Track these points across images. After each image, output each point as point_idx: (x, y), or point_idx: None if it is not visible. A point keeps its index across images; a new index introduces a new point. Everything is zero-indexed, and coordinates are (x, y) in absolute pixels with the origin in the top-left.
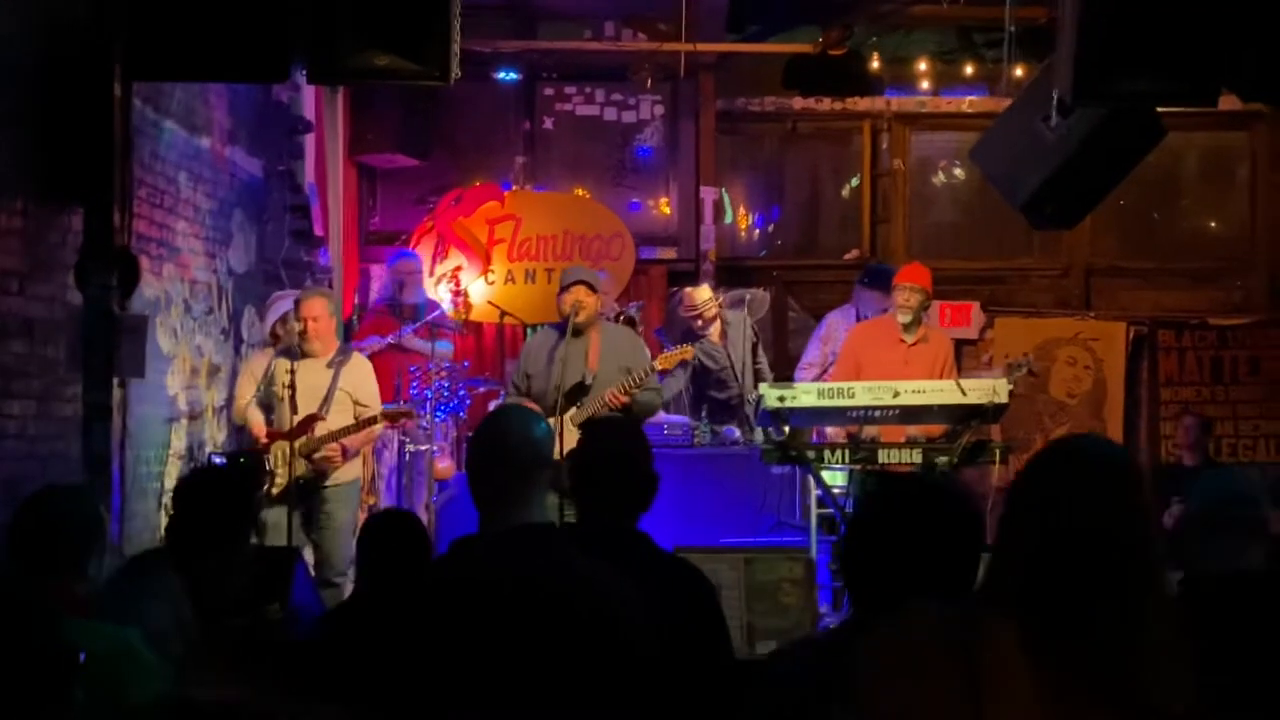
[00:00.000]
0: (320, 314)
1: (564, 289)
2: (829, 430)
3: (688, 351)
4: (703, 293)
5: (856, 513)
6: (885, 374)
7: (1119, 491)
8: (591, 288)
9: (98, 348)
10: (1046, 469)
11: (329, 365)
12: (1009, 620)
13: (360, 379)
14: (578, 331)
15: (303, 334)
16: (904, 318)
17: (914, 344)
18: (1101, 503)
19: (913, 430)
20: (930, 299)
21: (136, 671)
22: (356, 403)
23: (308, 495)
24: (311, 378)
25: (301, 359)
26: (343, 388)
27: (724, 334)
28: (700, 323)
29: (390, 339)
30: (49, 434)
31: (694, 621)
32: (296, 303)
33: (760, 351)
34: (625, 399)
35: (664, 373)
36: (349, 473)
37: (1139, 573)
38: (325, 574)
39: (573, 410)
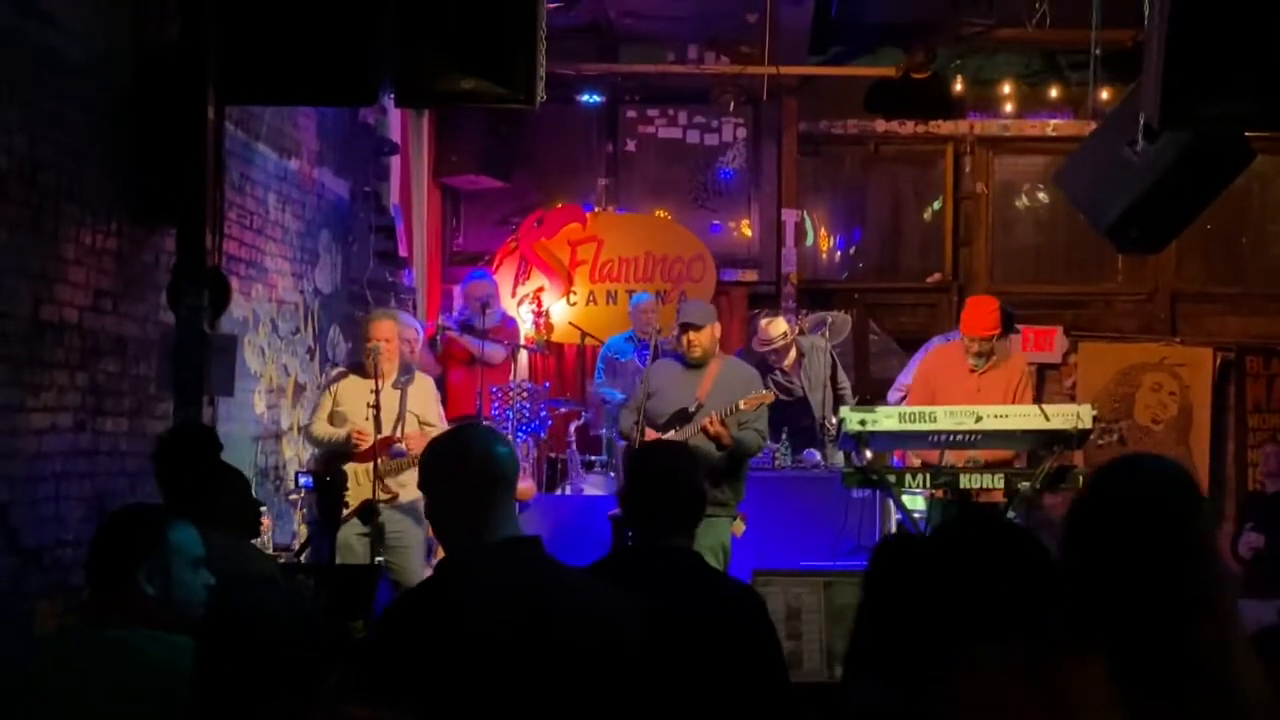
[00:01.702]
0: (391, 335)
1: (678, 329)
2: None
3: (768, 397)
4: (777, 326)
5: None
6: (957, 401)
7: (1183, 507)
8: (696, 326)
9: (188, 366)
10: (1109, 490)
11: (395, 386)
12: (1096, 654)
13: (426, 399)
14: (698, 365)
15: (377, 356)
16: (975, 363)
17: (985, 371)
18: (1171, 521)
19: (974, 454)
20: (998, 334)
21: None
22: (424, 423)
23: (376, 515)
24: (382, 399)
25: (367, 379)
26: (411, 409)
27: (798, 362)
28: (774, 356)
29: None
30: (140, 451)
31: (746, 637)
32: (366, 324)
33: (841, 375)
34: (721, 430)
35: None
36: (415, 491)
37: (1218, 594)
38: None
39: (671, 433)
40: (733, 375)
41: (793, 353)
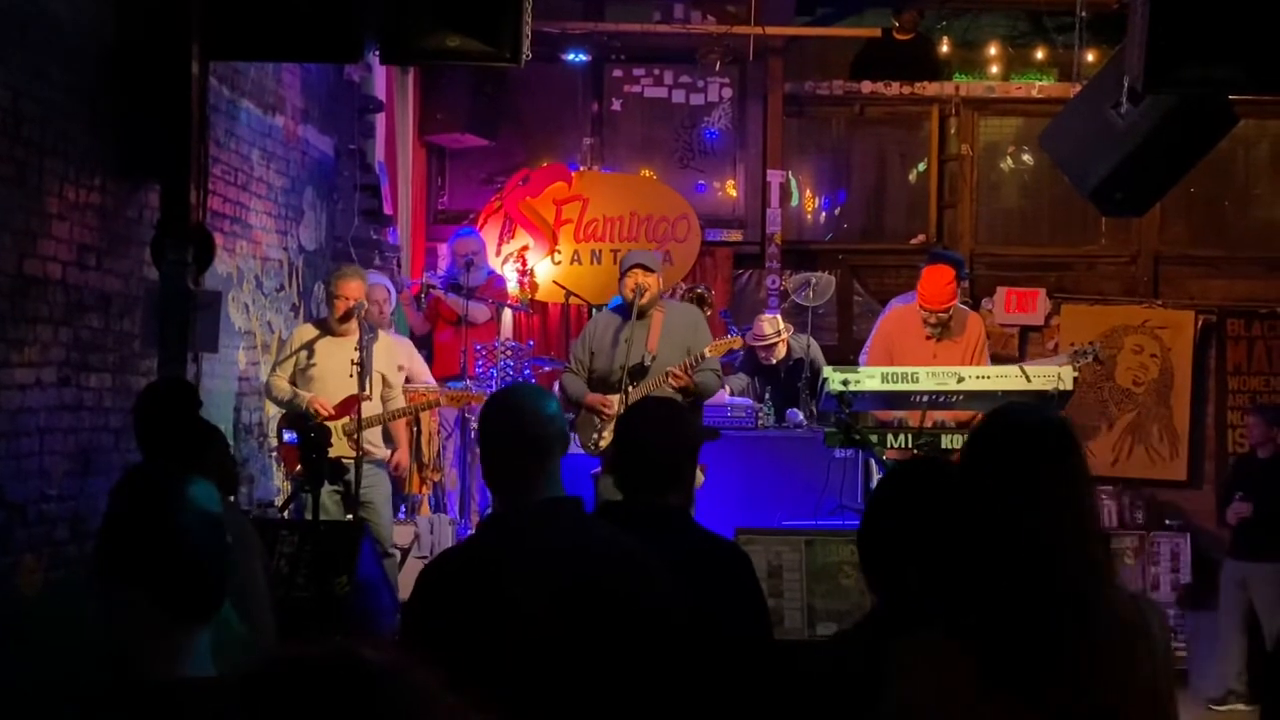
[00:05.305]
0: (358, 294)
1: (623, 273)
2: None
3: (736, 341)
4: (771, 324)
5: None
6: (914, 364)
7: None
8: (648, 269)
9: (172, 323)
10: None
11: (358, 345)
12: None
13: (388, 359)
14: (641, 313)
15: (345, 314)
16: (932, 332)
17: (942, 339)
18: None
19: (938, 415)
20: (954, 304)
21: (222, 640)
22: (385, 383)
23: (345, 472)
24: (344, 356)
25: (332, 337)
26: (376, 368)
27: (788, 357)
28: (765, 352)
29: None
30: (124, 406)
31: (730, 596)
32: (333, 281)
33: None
34: (685, 379)
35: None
36: (383, 448)
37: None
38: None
39: (630, 390)
40: (678, 320)
41: (782, 348)
